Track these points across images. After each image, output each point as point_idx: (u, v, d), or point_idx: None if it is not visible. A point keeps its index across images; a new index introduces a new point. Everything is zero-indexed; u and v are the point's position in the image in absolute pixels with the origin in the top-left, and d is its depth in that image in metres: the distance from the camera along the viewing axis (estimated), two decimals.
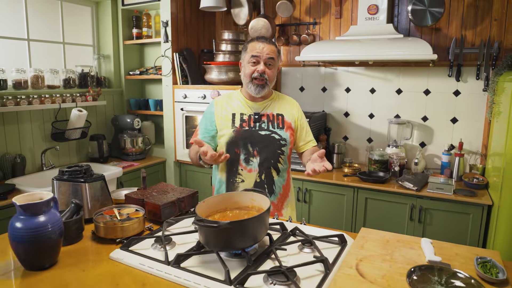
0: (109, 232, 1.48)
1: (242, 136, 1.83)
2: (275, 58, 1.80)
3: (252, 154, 1.83)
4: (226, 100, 1.93)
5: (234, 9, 3.47)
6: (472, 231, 2.45)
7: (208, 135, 1.91)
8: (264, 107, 1.88)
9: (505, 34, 2.71)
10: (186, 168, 3.50)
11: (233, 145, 1.84)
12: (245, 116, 1.86)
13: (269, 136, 1.84)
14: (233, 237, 1.23)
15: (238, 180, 1.86)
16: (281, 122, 1.87)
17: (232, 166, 1.87)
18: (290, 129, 1.88)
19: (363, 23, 2.89)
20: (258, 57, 1.77)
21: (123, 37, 3.61)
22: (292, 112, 1.91)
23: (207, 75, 3.22)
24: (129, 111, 3.77)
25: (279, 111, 1.89)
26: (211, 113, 1.92)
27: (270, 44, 1.80)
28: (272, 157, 1.84)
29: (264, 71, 1.77)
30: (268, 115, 1.87)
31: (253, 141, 1.83)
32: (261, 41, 1.80)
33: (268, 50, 1.78)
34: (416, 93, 3.03)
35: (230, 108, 1.89)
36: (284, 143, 1.85)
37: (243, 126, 1.85)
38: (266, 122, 1.86)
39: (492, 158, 2.68)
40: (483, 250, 1.40)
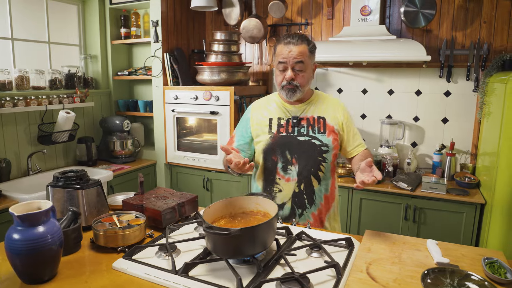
0: (109, 240, 1.43)
1: (279, 143, 1.70)
2: (304, 60, 1.62)
3: (291, 162, 1.70)
4: (263, 104, 1.82)
5: (225, 9, 3.43)
6: (465, 230, 2.49)
7: (243, 142, 1.81)
8: (303, 110, 1.73)
9: (494, 36, 2.76)
10: (178, 171, 3.44)
11: (270, 152, 1.72)
12: (283, 121, 1.73)
13: (308, 142, 1.69)
14: (243, 244, 1.20)
15: (275, 190, 1.74)
16: (323, 126, 1.70)
17: (269, 174, 1.75)
18: (333, 134, 1.70)
19: (356, 24, 2.90)
20: (285, 62, 1.62)
21: (111, 36, 3.53)
22: (335, 115, 1.73)
23: (199, 76, 3.18)
24: (117, 112, 3.68)
25: (320, 114, 1.72)
26: (247, 119, 1.82)
27: (298, 45, 1.61)
28: (313, 165, 1.69)
29: (293, 77, 1.63)
30: (308, 118, 1.71)
31: (291, 147, 1.69)
32: (288, 43, 1.62)
33: (295, 53, 1.60)
34: (407, 94, 3.06)
35: (267, 113, 1.77)
36: (326, 149, 1.68)
37: (281, 132, 1.71)
38: (305, 127, 1.70)
39: (482, 158, 2.74)
40: (488, 251, 1.41)
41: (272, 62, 1.81)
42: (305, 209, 1.71)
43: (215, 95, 3.04)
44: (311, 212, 1.71)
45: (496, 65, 2.59)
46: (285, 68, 1.64)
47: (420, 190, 2.59)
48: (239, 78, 3.14)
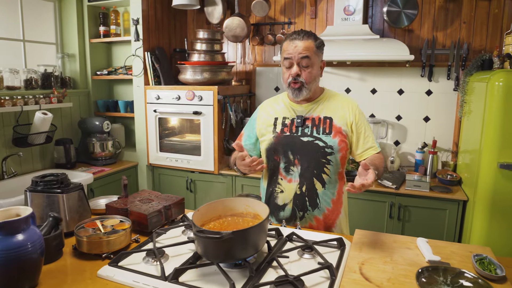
0: (93, 247, 1.37)
1: (282, 143, 1.65)
2: (310, 55, 1.56)
3: (293, 162, 1.64)
4: (271, 104, 1.78)
5: (207, 7, 3.38)
6: (448, 226, 2.54)
7: (249, 142, 1.79)
8: (310, 109, 1.67)
9: (473, 36, 2.82)
10: (160, 172, 3.37)
11: (273, 152, 1.68)
12: (288, 121, 1.68)
13: (311, 142, 1.62)
14: (235, 247, 1.17)
15: (277, 190, 1.70)
16: (329, 126, 1.62)
17: (272, 174, 1.72)
18: (340, 135, 1.61)
19: (339, 24, 2.91)
20: (290, 58, 1.58)
21: (89, 35, 3.42)
22: (344, 115, 1.64)
23: (181, 75, 3.12)
24: (96, 113, 3.58)
25: (327, 114, 1.65)
26: (254, 119, 1.80)
27: (304, 40, 1.56)
28: (315, 167, 1.62)
29: (298, 73, 1.57)
30: (314, 118, 1.65)
31: (294, 148, 1.64)
32: (293, 39, 1.57)
33: (301, 48, 1.55)
34: (390, 93, 3.10)
35: (273, 112, 1.73)
36: (330, 151, 1.60)
37: (284, 132, 1.66)
38: (310, 127, 1.64)
39: (462, 155, 2.79)
40: (476, 247, 1.43)
41: (279, 61, 1.75)
42: (306, 212, 1.66)
43: (198, 95, 2.99)
44: (313, 215, 1.66)
45: (476, 65, 2.64)
46: (291, 65, 1.59)
47: (404, 188, 2.61)
48: (222, 78, 3.10)
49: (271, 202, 1.72)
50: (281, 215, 1.69)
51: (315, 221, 1.67)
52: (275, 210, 1.71)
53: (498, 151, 2.12)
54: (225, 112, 3.05)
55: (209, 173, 3.14)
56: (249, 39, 3.43)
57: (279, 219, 1.70)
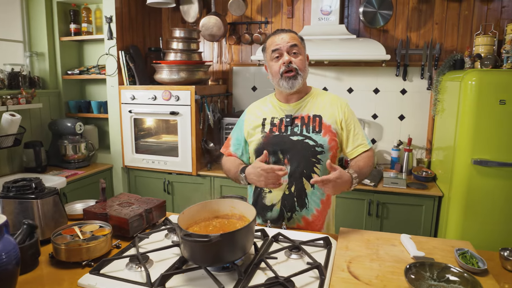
0: (72, 254, 1.31)
1: (271, 142, 1.62)
2: (298, 44, 1.58)
3: (282, 162, 1.61)
4: (258, 106, 1.76)
5: (183, 5, 3.32)
6: (425, 222, 2.60)
7: (239, 146, 1.75)
8: (298, 108, 1.65)
9: (445, 37, 2.91)
10: (136, 174, 3.29)
11: (262, 152, 1.60)
12: (276, 120, 1.66)
13: (301, 141, 1.59)
14: (223, 250, 1.15)
15: (265, 190, 1.66)
16: (318, 125, 1.60)
17: None
18: (330, 133, 1.60)
19: (316, 23, 2.93)
20: (279, 49, 1.57)
21: (59, 33, 3.28)
22: (333, 112, 1.62)
23: (157, 75, 3.05)
24: (68, 114, 3.44)
25: (316, 112, 1.63)
26: (242, 121, 1.77)
27: (289, 32, 1.60)
28: (305, 167, 1.59)
29: (290, 60, 1.56)
30: (303, 117, 1.63)
31: (283, 147, 1.61)
32: (278, 33, 1.60)
33: (288, 38, 1.57)
34: (366, 92, 3.15)
35: (261, 113, 1.71)
36: (320, 150, 1.58)
37: (273, 131, 1.64)
38: (299, 126, 1.62)
39: (436, 152, 2.88)
40: (456, 242, 1.46)
41: (264, 63, 1.72)
42: (294, 212, 1.64)
43: (175, 95, 2.94)
44: (301, 216, 1.64)
45: (448, 64, 2.73)
46: (280, 54, 1.58)
47: (382, 185, 2.66)
48: (199, 77, 3.05)
49: (258, 202, 1.69)
50: (268, 215, 1.67)
51: (303, 222, 1.65)
52: (262, 210, 1.68)
53: (472, 147, 2.20)
54: (203, 112, 3.01)
55: (187, 174, 3.08)
56: (225, 38, 3.40)
57: (266, 219, 1.68)
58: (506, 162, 2.13)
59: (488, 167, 2.17)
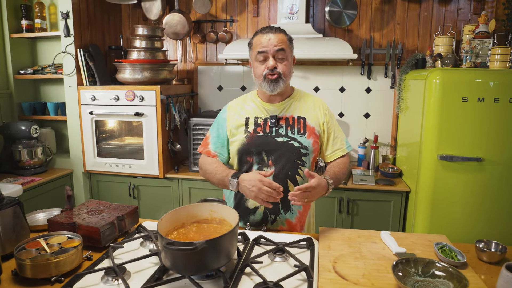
0: (40, 270, 1.20)
1: (256, 143, 1.58)
2: (285, 48, 1.53)
3: (267, 164, 1.58)
4: (240, 104, 1.69)
5: (144, 2, 3.19)
6: (393, 217, 2.68)
7: (221, 144, 1.67)
8: (282, 109, 1.62)
9: (406, 37, 3.01)
10: (98, 179, 3.12)
11: (246, 153, 1.59)
12: (260, 120, 1.62)
13: (287, 143, 1.57)
14: (208, 257, 1.09)
15: None
16: (303, 126, 1.59)
17: None
18: (314, 135, 1.59)
19: (282, 22, 2.92)
20: (265, 52, 1.52)
21: (9, 29, 3.04)
22: (316, 115, 1.63)
23: (120, 74, 2.91)
24: (21, 117, 3.20)
25: (300, 114, 1.62)
26: (223, 119, 1.68)
27: (277, 33, 1.53)
28: (290, 169, 1.57)
29: (275, 66, 1.52)
30: (288, 118, 1.61)
31: (268, 148, 1.57)
32: (266, 32, 1.54)
33: (275, 40, 1.51)
34: (332, 91, 3.19)
35: (244, 112, 1.65)
36: (305, 152, 1.57)
37: (257, 132, 1.60)
38: (284, 127, 1.59)
39: (401, 149, 2.97)
40: (433, 236, 1.50)
41: (249, 58, 1.66)
42: (278, 215, 1.61)
43: (139, 95, 2.82)
44: (285, 219, 1.61)
45: (410, 64, 2.82)
46: (265, 58, 1.54)
47: (352, 183, 2.71)
48: (164, 77, 2.94)
49: (240, 205, 1.64)
50: (251, 219, 1.63)
51: (287, 224, 1.62)
52: (245, 214, 1.63)
53: (438, 143, 2.28)
54: (169, 112, 2.91)
55: (154, 178, 2.97)
56: (190, 37, 3.31)
57: (249, 223, 1.63)
58: (470, 157, 2.23)
59: (453, 162, 2.26)
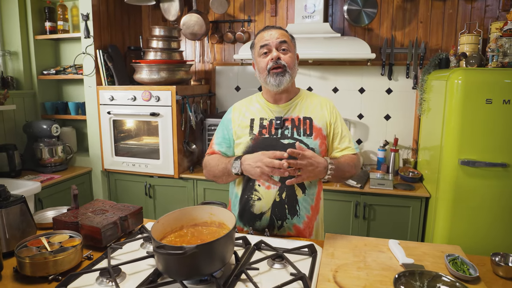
0: (38, 268, 1.20)
1: (261, 145, 1.53)
2: (288, 41, 1.51)
3: None
4: (245, 105, 1.66)
5: (163, 3, 3.21)
6: (412, 223, 2.56)
7: (224, 145, 1.64)
8: (288, 109, 1.58)
9: (430, 36, 2.88)
10: (116, 178, 3.17)
11: None
12: (266, 122, 1.57)
13: (292, 145, 1.50)
14: (200, 262, 1.06)
15: (254, 198, 1.56)
16: (309, 127, 1.54)
17: (248, 180, 1.58)
18: (321, 136, 1.54)
19: (300, 22, 2.86)
20: (268, 44, 1.49)
21: (33, 31, 3.14)
22: (323, 115, 1.57)
23: (137, 75, 2.94)
24: (44, 116, 3.30)
25: (306, 114, 1.57)
26: (228, 120, 1.65)
27: (278, 29, 1.53)
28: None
29: (279, 56, 1.48)
30: (293, 119, 1.56)
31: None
32: (268, 29, 1.53)
33: (277, 34, 1.50)
34: (351, 92, 3.10)
35: (249, 113, 1.62)
36: None
37: (263, 134, 1.55)
38: (290, 128, 1.54)
39: (422, 152, 2.84)
40: (446, 246, 1.41)
41: (252, 59, 1.63)
42: (285, 220, 1.55)
43: (156, 95, 2.83)
44: (292, 223, 1.55)
45: (433, 63, 2.70)
46: (269, 50, 1.50)
47: (369, 187, 2.61)
48: (180, 77, 2.95)
49: (246, 211, 1.59)
50: (257, 225, 1.57)
51: (294, 230, 1.57)
52: (250, 219, 1.58)
53: (459, 147, 2.16)
54: (185, 113, 2.91)
55: (169, 177, 2.98)
56: (207, 37, 3.31)
57: (255, 229, 1.58)
58: (493, 162, 2.09)
59: (476, 167, 2.13)
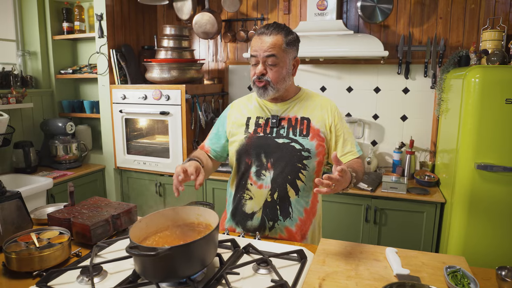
0: (23, 264, 1.21)
1: (255, 144, 1.50)
2: (277, 54, 1.40)
3: (265, 166, 1.49)
4: (244, 102, 1.63)
5: (176, 2, 3.21)
6: (426, 230, 2.43)
7: (217, 141, 1.62)
8: (286, 109, 1.53)
9: (450, 32, 2.73)
10: (128, 176, 3.20)
11: (244, 154, 1.52)
12: (262, 120, 1.53)
13: (287, 145, 1.47)
14: (176, 264, 1.03)
15: (246, 197, 1.54)
16: (306, 128, 1.48)
17: (241, 179, 1.55)
18: (318, 138, 1.48)
19: (312, 19, 2.79)
20: (256, 56, 1.43)
21: (52, 31, 3.22)
22: (322, 116, 1.51)
23: (148, 74, 2.96)
24: (61, 114, 3.38)
25: (304, 114, 1.51)
26: (224, 116, 1.64)
27: (272, 36, 1.41)
28: (290, 172, 1.47)
29: (263, 72, 1.43)
30: (290, 118, 1.51)
31: (268, 150, 1.49)
32: (261, 34, 1.43)
33: (267, 45, 1.40)
34: (366, 91, 2.99)
35: (246, 111, 1.58)
36: (307, 155, 1.47)
37: (258, 132, 1.52)
38: (285, 128, 1.50)
39: (440, 155, 2.70)
40: (449, 257, 1.31)
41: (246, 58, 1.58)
42: (276, 222, 1.50)
43: (166, 94, 2.83)
44: (284, 226, 1.51)
45: (452, 61, 2.55)
46: (257, 62, 1.45)
47: (381, 190, 2.50)
48: (191, 76, 2.94)
49: (238, 210, 1.56)
50: (248, 224, 1.53)
51: (286, 233, 1.51)
52: (242, 219, 1.55)
53: (475, 151, 2.02)
54: (194, 112, 2.90)
55: None
56: (220, 36, 3.28)
57: (246, 229, 1.54)
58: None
59: (493, 172, 1.99)
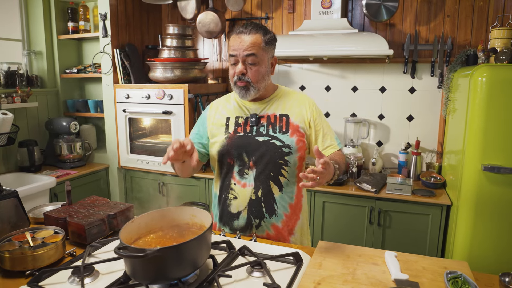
0: (16, 263, 1.20)
1: (236, 144, 1.50)
2: (256, 52, 1.41)
3: (248, 165, 1.49)
4: (222, 103, 1.62)
5: (180, 2, 3.20)
6: (431, 232, 2.38)
7: (198, 141, 1.60)
8: (264, 107, 1.54)
9: (457, 31, 2.67)
10: (132, 175, 3.20)
11: (226, 154, 1.52)
12: (241, 120, 1.54)
13: (268, 142, 1.48)
14: (167, 266, 1.01)
15: (230, 197, 1.53)
16: (285, 124, 1.49)
17: (224, 179, 1.55)
18: (298, 133, 1.49)
19: (316, 18, 2.75)
20: (236, 56, 1.43)
21: (57, 31, 3.24)
22: (301, 112, 1.52)
23: (152, 73, 2.95)
24: (66, 113, 3.40)
25: (283, 111, 1.52)
26: (204, 118, 1.63)
27: (251, 35, 1.41)
28: (272, 169, 1.48)
29: (243, 72, 1.42)
30: (269, 116, 1.52)
31: (249, 149, 1.49)
32: (239, 33, 1.42)
33: (246, 44, 1.39)
34: (372, 91, 2.94)
35: (225, 112, 1.58)
36: (287, 150, 1.47)
37: (238, 132, 1.52)
38: (265, 126, 1.50)
39: (448, 156, 2.64)
40: (451, 262, 1.27)
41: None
42: (263, 219, 1.49)
43: (168, 94, 2.82)
44: (271, 223, 1.50)
45: (460, 60, 2.50)
46: (236, 62, 1.44)
47: (385, 192, 2.46)
48: (194, 75, 2.93)
49: (224, 210, 1.55)
50: (235, 224, 1.52)
51: (273, 230, 1.51)
52: (229, 219, 1.54)
53: (482, 152, 1.97)
54: (197, 111, 2.89)
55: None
56: (224, 35, 3.26)
57: (233, 228, 1.53)
58: None
59: (500, 174, 1.93)
